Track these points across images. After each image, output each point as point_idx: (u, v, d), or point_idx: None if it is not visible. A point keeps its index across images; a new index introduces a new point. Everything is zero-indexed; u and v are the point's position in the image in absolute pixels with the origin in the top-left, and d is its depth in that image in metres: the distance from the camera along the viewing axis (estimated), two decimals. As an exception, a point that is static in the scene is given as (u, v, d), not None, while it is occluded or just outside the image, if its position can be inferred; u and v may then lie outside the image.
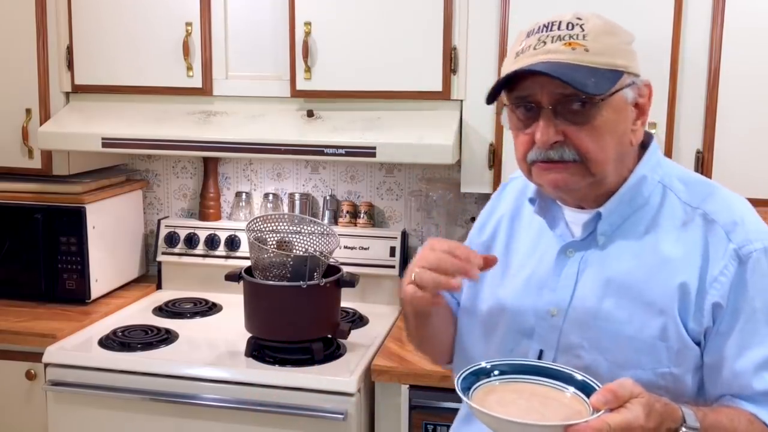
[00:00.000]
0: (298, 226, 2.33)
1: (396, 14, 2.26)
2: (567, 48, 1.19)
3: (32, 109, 2.52)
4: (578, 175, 1.23)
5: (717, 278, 1.22)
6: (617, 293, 1.26)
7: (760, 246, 1.23)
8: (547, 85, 1.20)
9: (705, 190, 1.31)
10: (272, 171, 2.82)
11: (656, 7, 2.11)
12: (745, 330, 1.21)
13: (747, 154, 2.13)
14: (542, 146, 1.21)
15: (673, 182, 1.32)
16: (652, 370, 1.23)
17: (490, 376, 1.18)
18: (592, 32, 1.21)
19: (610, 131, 1.22)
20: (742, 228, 1.24)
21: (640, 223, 1.29)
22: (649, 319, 1.23)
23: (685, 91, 2.15)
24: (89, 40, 2.50)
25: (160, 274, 2.82)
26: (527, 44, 1.23)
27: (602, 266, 1.29)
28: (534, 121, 1.23)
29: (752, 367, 1.21)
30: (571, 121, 1.21)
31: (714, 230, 1.24)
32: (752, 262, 1.22)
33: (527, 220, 1.42)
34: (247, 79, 2.44)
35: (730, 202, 1.30)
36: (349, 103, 2.34)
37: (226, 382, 2.09)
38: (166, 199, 2.94)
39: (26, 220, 2.54)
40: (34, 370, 2.28)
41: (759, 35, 2.09)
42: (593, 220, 1.29)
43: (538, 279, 1.34)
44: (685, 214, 1.27)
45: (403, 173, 2.72)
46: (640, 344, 1.23)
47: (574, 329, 1.28)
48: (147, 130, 2.39)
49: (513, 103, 1.25)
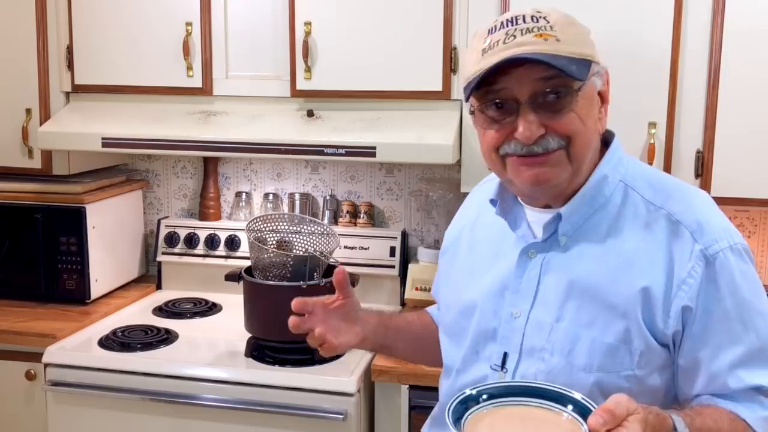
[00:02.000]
0: (298, 226, 2.33)
1: (396, 14, 2.26)
2: (539, 39, 1.18)
3: (32, 109, 2.52)
4: (559, 166, 1.22)
5: (685, 280, 1.20)
6: (579, 296, 1.24)
7: (725, 245, 1.21)
8: (524, 78, 1.18)
9: (668, 188, 1.29)
10: (272, 171, 2.82)
11: (656, 7, 2.11)
12: (718, 331, 1.20)
13: (747, 154, 2.13)
14: (526, 141, 1.19)
15: (636, 181, 1.29)
16: (615, 372, 1.22)
17: (479, 401, 1.10)
18: (558, 24, 1.20)
19: (587, 117, 1.23)
20: (707, 228, 1.22)
21: (601, 223, 1.27)
22: (612, 321, 1.22)
23: (685, 91, 2.15)
24: (89, 40, 2.50)
25: (160, 274, 2.82)
26: (494, 40, 1.20)
27: (564, 268, 1.27)
28: (508, 117, 1.21)
29: (727, 366, 1.20)
30: (550, 112, 1.20)
31: (679, 231, 1.22)
32: (719, 261, 1.20)
33: (488, 222, 1.41)
34: (247, 79, 2.44)
35: (693, 201, 1.28)
36: (349, 103, 2.34)
37: (226, 382, 2.09)
38: (166, 199, 2.94)
39: (26, 220, 2.54)
40: (34, 370, 2.28)
41: (759, 36, 2.09)
42: (554, 221, 1.27)
43: (501, 281, 1.33)
44: (648, 213, 1.25)
45: (403, 173, 2.72)
46: (603, 347, 1.22)
47: (537, 332, 1.27)
48: (147, 130, 2.39)
49: (487, 100, 1.22)
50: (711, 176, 2.15)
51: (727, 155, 2.14)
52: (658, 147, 2.15)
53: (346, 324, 1.42)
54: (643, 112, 2.15)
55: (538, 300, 1.28)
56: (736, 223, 2.50)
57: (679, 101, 2.15)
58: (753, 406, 1.21)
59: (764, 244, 2.50)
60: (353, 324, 1.42)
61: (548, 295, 1.27)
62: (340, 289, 1.41)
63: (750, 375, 1.21)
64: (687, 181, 2.17)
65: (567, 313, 1.25)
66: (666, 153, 2.16)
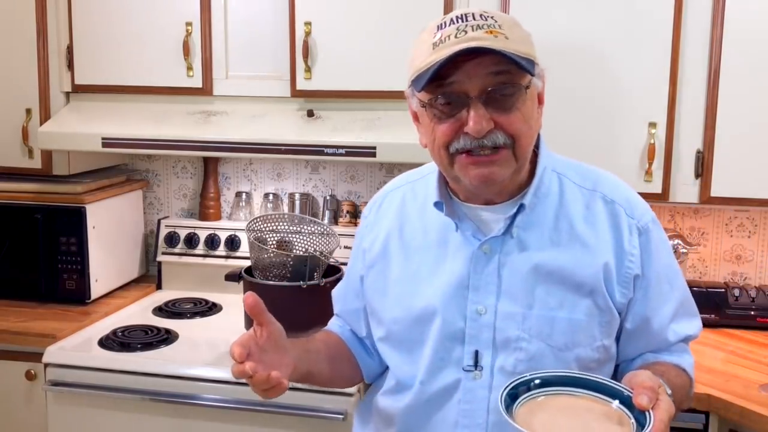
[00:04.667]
0: (298, 226, 2.33)
1: (396, 14, 2.26)
2: (490, 35, 1.21)
3: (32, 109, 2.52)
4: (505, 165, 1.26)
5: (631, 252, 1.32)
6: (546, 280, 1.30)
7: (649, 217, 1.36)
8: (474, 72, 1.21)
9: (590, 173, 1.40)
10: (272, 171, 2.82)
11: (656, 7, 2.11)
12: (655, 293, 1.35)
13: (747, 154, 2.13)
14: (476, 135, 1.22)
15: (565, 170, 1.38)
16: (589, 345, 1.31)
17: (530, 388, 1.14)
18: (505, 24, 1.24)
19: (531, 117, 1.27)
20: (633, 204, 1.36)
21: (548, 211, 1.34)
22: (580, 299, 1.30)
23: (685, 91, 2.15)
24: (89, 40, 2.50)
25: (160, 274, 2.82)
26: (444, 35, 1.23)
27: (523, 258, 1.32)
28: (457, 111, 1.23)
29: (666, 322, 1.36)
30: (500, 109, 1.22)
31: (615, 209, 1.34)
32: (648, 232, 1.34)
33: (419, 228, 1.41)
34: (247, 79, 2.44)
35: (615, 182, 1.39)
36: (349, 103, 2.34)
37: (226, 382, 2.09)
38: (166, 199, 2.94)
39: (26, 220, 2.54)
40: (34, 370, 2.28)
41: (759, 35, 2.09)
42: (515, 214, 1.31)
43: (457, 282, 1.34)
44: (584, 197, 1.36)
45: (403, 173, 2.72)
46: (576, 324, 1.30)
47: (509, 323, 1.30)
48: (147, 130, 2.39)
49: (437, 94, 1.24)
50: (711, 176, 2.15)
51: (727, 155, 2.14)
52: (658, 147, 2.15)
53: (278, 355, 1.26)
54: (643, 112, 2.15)
55: (503, 292, 1.31)
56: (737, 223, 2.51)
57: (679, 101, 2.15)
58: (684, 355, 1.40)
59: (764, 244, 2.50)
60: (284, 354, 1.27)
61: (512, 286, 1.31)
62: (257, 318, 1.25)
63: (680, 327, 1.39)
64: (687, 181, 2.20)
65: (537, 299, 1.30)
66: (666, 153, 2.16)
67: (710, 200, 2.18)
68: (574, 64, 2.17)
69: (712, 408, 1.89)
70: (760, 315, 2.31)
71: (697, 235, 2.53)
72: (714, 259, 2.54)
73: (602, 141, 2.19)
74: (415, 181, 1.50)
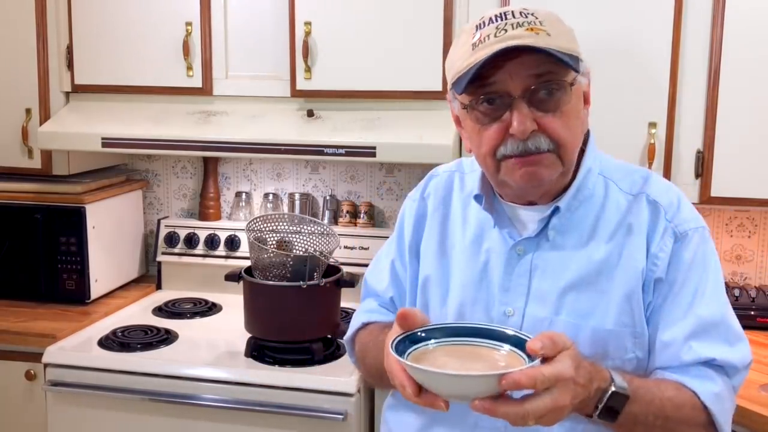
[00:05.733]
0: (298, 226, 2.33)
1: (396, 14, 2.26)
2: (531, 33, 1.17)
3: (32, 109, 2.52)
4: (551, 167, 1.22)
5: (657, 255, 1.25)
6: (577, 287, 1.26)
7: (693, 226, 1.28)
8: (516, 72, 1.17)
9: (641, 176, 1.34)
10: (272, 171, 2.82)
11: (656, 7, 2.11)
12: (677, 302, 1.25)
13: (747, 154, 2.13)
14: (521, 136, 1.18)
15: (612, 173, 1.33)
16: (619, 357, 1.25)
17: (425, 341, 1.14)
18: (547, 20, 1.21)
19: (576, 117, 1.23)
20: (679, 209, 1.29)
21: (588, 215, 1.29)
22: (610, 308, 1.25)
23: (685, 91, 2.15)
24: (89, 40, 2.50)
25: (160, 274, 2.82)
26: (484, 35, 1.19)
27: (557, 261, 1.28)
28: (499, 114, 1.20)
29: (680, 336, 1.24)
30: (543, 109, 1.19)
31: (656, 210, 1.28)
32: (686, 239, 1.26)
33: (459, 219, 1.39)
34: (246, 78, 2.44)
35: (667, 186, 1.34)
36: (349, 103, 2.34)
37: (226, 383, 2.09)
38: (166, 199, 2.94)
39: (26, 220, 2.54)
40: (33, 371, 2.28)
41: (759, 35, 2.09)
42: (550, 215, 1.28)
43: (488, 280, 1.32)
44: (628, 203, 1.30)
45: (403, 173, 2.72)
46: (604, 334, 1.24)
47: (536, 328, 1.26)
48: (147, 130, 2.39)
49: (479, 95, 1.21)
50: (711, 176, 2.15)
51: (727, 155, 2.14)
52: (658, 147, 2.15)
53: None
54: (643, 112, 2.15)
55: (532, 296, 1.28)
56: (737, 223, 2.50)
57: (679, 101, 2.15)
58: (704, 381, 1.23)
59: (764, 244, 2.50)
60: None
61: (542, 290, 1.28)
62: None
63: (702, 347, 1.24)
64: (687, 181, 2.20)
65: (565, 305, 1.26)
66: (666, 153, 2.16)
67: (710, 200, 2.17)
68: (574, 64, 2.17)
69: (712, 408, 1.89)
70: (760, 315, 2.30)
71: (697, 235, 2.52)
72: (714, 259, 2.53)
73: (602, 141, 2.17)
74: (466, 174, 1.46)
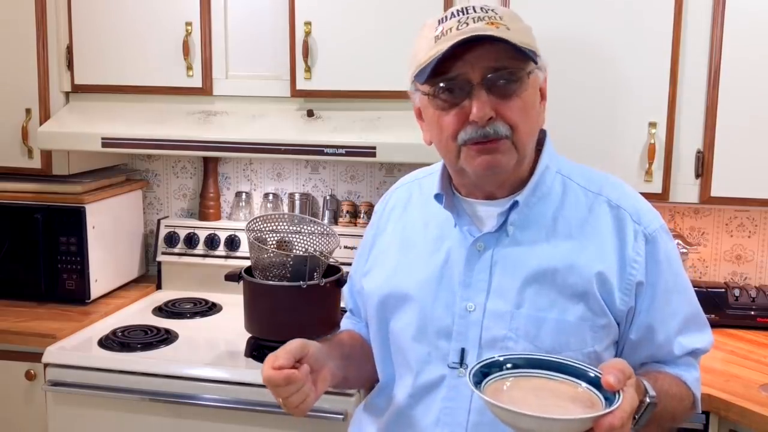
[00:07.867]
0: (298, 226, 2.32)
1: (396, 14, 2.26)
2: (491, 27, 1.22)
3: (32, 109, 2.52)
4: (507, 154, 1.26)
5: (634, 258, 1.29)
6: (537, 281, 1.29)
7: (657, 225, 1.33)
8: (476, 62, 1.22)
9: (599, 178, 1.37)
10: (272, 171, 2.82)
11: (656, 7, 2.11)
12: (662, 303, 1.31)
13: (747, 154, 2.13)
14: (480, 122, 1.23)
15: (571, 173, 1.37)
16: (579, 350, 1.28)
17: (502, 369, 1.16)
18: (506, 16, 1.26)
19: (532, 107, 1.28)
20: (641, 211, 1.33)
21: (546, 211, 1.33)
22: (571, 302, 1.28)
23: (685, 91, 2.15)
24: (89, 40, 2.50)
25: (160, 274, 2.82)
26: (446, 28, 1.25)
27: (517, 256, 1.31)
28: (459, 100, 1.25)
29: (672, 334, 1.33)
30: (500, 96, 1.24)
31: (620, 215, 1.32)
32: (656, 240, 1.31)
33: (420, 221, 1.43)
34: (247, 78, 2.44)
35: (624, 188, 1.37)
36: (349, 103, 2.34)
37: (226, 382, 2.09)
38: (166, 199, 2.94)
39: (26, 220, 2.54)
40: (33, 370, 2.28)
41: (759, 35, 2.09)
42: (509, 210, 1.31)
43: (449, 277, 1.34)
44: (588, 200, 1.34)
45: (403, 173, 2.70)
46: (566, 327, 1.27)
47: (496, 322, 1.29)
48: (147, 130, 2.39)
49: (440, 85, 1.25)
50: (711, 176, 2.15)
51: (727, 155, 2.14)
52: (658, 147, 2.15)
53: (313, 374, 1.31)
54: (643, 112, 2.15)
55: (493, 291, 1.31)
56: (737, 223, 2.50)
57: (679, 101, 2.15)
58: (690, 370, 1.37)
59: (764, 244, 2.50)
60: (320, 370, 1.33)
61: (503, 284, 1.30)
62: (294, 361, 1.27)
63: (688, 340, 1.35)
64: (687, 181, 2.20)
65: (526, 299, 1.29)
66: (666, 153, 2.16)
67: (710, 200, 2.18)
68: (575, 64, 2.17)
69: (712, 408, 1.89)
70: (760, 315, 2.31)
71: (697, 235, 2.53)
72: (714, 259, 2.54)
73: (602, 141, 2.19)
74: (422, 178, 1.52)
